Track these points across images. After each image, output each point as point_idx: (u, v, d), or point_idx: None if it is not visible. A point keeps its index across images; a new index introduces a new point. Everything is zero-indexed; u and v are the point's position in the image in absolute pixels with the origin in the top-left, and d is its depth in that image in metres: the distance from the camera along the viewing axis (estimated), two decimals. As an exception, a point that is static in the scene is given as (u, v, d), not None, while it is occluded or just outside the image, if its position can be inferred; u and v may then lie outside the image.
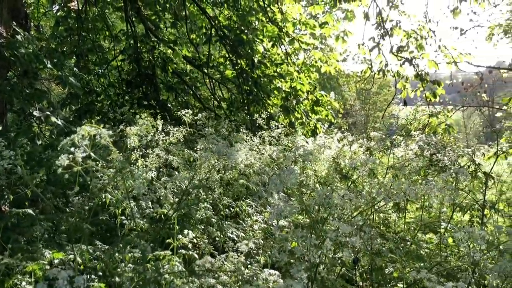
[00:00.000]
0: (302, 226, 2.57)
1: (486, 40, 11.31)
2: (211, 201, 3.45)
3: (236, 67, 7.03)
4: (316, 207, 2.44)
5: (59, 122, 3.77)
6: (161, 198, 2.93)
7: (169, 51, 7.34)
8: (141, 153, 3.23)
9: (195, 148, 3.55)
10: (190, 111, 3.92)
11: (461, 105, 8.94)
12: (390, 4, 7.40)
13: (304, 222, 3.40)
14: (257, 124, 5.27)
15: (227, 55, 7.25)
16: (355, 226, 1.86)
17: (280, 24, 7.43)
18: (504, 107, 6.93)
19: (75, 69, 4.31)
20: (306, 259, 1.80)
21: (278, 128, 4.89)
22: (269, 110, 7.05)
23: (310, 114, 7.81)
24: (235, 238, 3.23)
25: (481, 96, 9.28)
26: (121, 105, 6.53)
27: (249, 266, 2.54)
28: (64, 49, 6.36)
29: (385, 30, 7.37)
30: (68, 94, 5.57)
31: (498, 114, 7.73)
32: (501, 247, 2.13)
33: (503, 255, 1.89)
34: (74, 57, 6.50)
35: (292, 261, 2.07)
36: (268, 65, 7.32)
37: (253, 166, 3.43)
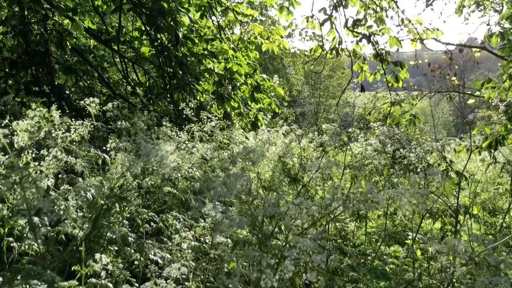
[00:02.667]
0: (245, 242, 2.60)
1: (456, 13, 11.90)
2: (127, 215, 3.39)
3: (156, 43, 6.92)
4: (261, 218, 2.47)
5: None
6: (61, 212, 2.83)
7: (67, 21, 7.09)
8: (33, 154, 3.11)
9: (105, 148, 3.46)
10: (97, 100, 3.82)
11: (428, 90, 9.37)
12: (344, -33, 7.61)
13: (245, 237, 3.44)
14: (184, 116, 5.23)
15: (143, 28, 7.12)
16: (317, 241, 1.91)
17: (210, -11, 7.43)
18: (477, 93, 7.35)
19: None
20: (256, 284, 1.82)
21: (210, 120, 4.88)
22: (198, 98, 7.02)
23: (249, 103, 7.87)
24: (159, 261, 3.20)
25: (451, 79, 9.78)
26: (4, 92, 6.22)
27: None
28: None
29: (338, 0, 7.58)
30: None
31: (470, 101, 8.22)
32: (477, 259, 2.27)
33: (481, 269, 2.01)
34: None
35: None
36: (197, 41, 7.28)
37: (180, 169, 3.41)
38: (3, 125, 2.79)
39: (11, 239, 2.69)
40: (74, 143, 3.46)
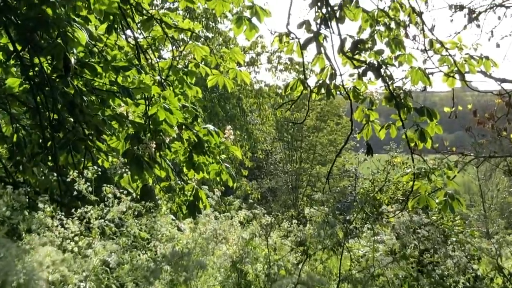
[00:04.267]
0: None
1: (516, 32, 12.28)
2: None
3: (31, 72, 6.91)
4: None
5: None
6: None
7: None
8: None
9: None
10: None
11: (474, 154, 9.53)
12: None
13: None
14: (76, 193, 5.19)
15: (11, 47, 7.12)
16: None
17: (123, -12, 7.52)
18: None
19: None
20: None
21: (120, 200, 4.85)
22: (100, 163, 6.98)
23: (185, 171, 7.86)
24: None
25: (509, 137, 9.97)
26: None
27: None
28: None
29: (330, 8, 7.72)
30: None
31: (540, 173, 8.38)
32: None
33: None
34: None
35: None
36: (100, 69, 7.30)
37: (66, 285, 3.35)
38: None
39: None
40: None
